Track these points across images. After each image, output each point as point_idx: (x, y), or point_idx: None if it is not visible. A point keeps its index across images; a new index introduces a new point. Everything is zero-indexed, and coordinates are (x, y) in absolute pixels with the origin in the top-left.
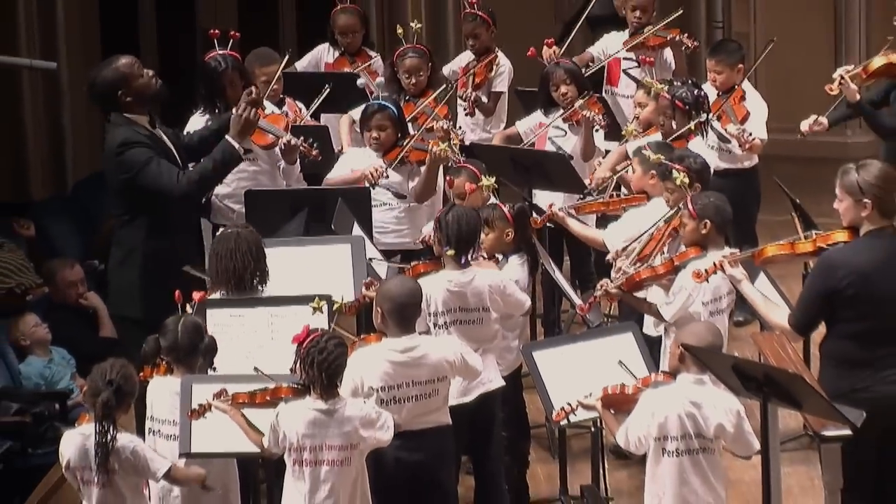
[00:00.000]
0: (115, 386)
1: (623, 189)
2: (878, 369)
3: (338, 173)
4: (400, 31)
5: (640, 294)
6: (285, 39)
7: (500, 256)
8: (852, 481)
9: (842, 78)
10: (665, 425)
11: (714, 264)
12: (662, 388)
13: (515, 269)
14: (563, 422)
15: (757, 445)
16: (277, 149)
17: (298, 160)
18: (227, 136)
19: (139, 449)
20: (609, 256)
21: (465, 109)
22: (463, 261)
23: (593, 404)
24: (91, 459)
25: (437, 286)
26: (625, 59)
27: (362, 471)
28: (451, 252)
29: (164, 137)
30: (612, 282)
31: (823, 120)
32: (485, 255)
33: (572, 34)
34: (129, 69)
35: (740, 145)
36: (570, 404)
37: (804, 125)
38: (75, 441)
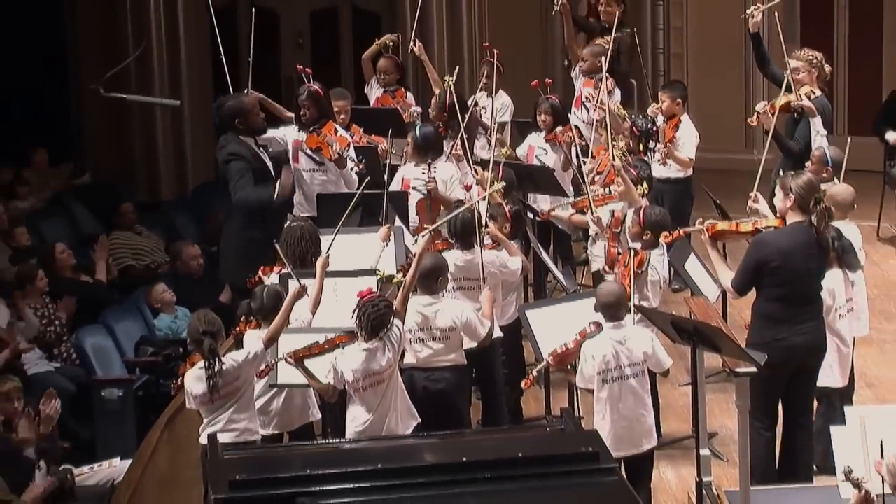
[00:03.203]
0: (210, 333)
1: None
2: (794, 324)
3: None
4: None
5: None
6: (345, 79)
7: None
8: (764, 404)
9: (758, 113)
10: (602, 362)
11: (681, 231)
12: (595, 337)
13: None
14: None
15: (667, 363)
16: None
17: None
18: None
19: (238, 358)
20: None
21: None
22: (462, 247)
23: (547, 366)
24: (206, 388)
25: (447, 262)
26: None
27: (397, 381)
28: (453, 242)
29: (264, 156)
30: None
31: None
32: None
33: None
34: (250, 107)
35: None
36: (532, 374)
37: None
38: (196, 377)
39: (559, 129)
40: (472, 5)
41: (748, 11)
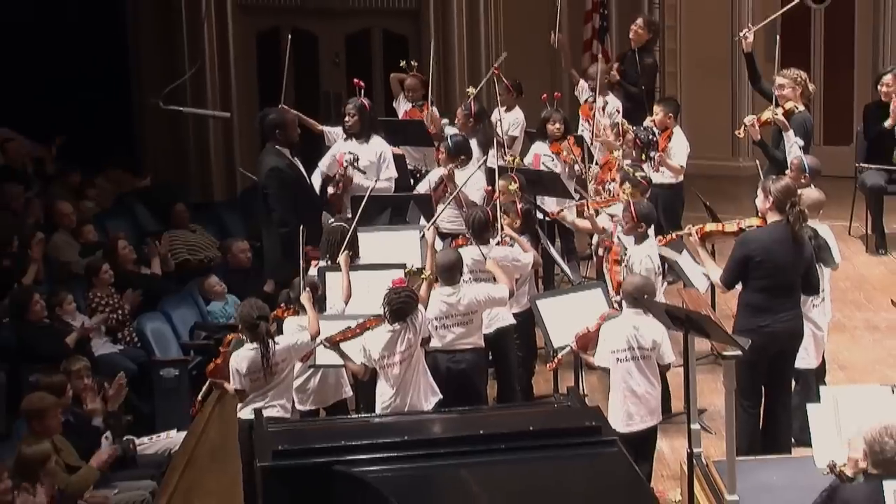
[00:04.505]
0: (263, 318)
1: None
2: (775, 313)
3: (423, 186)
4: (469, 90)
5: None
6: (376, 94)
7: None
8: (750, 385)
9: (746, 126)
10: (616, 342)
11: (673, 235)
12: (614, 319)
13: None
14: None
15: (669, 358)
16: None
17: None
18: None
19: (290, 343)
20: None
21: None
22: (477, 243)
23: (570, 351)
24: (259, 367)
25: (465, 256)
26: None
27: (418, 361)
28: (469, 238)
29: (298, 164)
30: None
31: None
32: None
33: None
34: (290, 121)
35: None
36: (558, 357)
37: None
38: (249, 357)
39: (564, 144)
40: (489, 28)
41: (741, 33)
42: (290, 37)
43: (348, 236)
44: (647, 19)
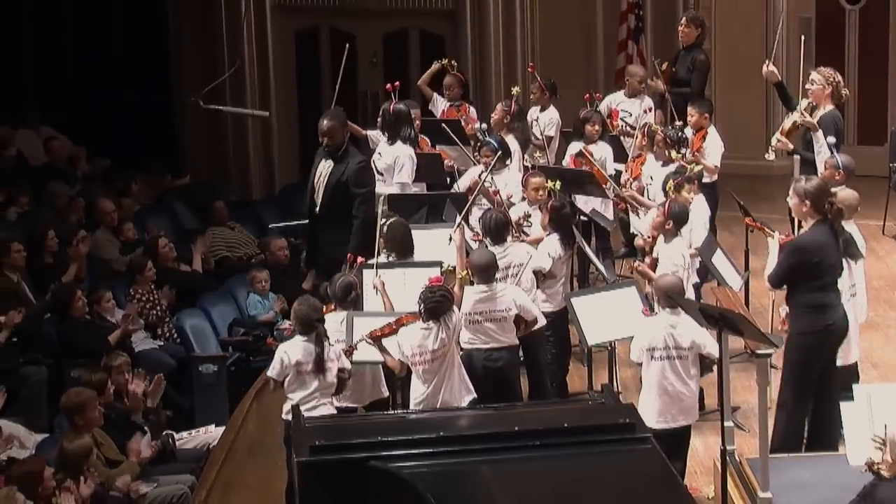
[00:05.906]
0: (321, 320)
1: None
2: (835, 310)
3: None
4: (514, 90)
5: None
6: (413, 94)
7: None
8: (800, 388)
9: (772, 147)
10: (652, 341)
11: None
12: (651, 318)
13: (554, 242)
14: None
15: (716, 352)
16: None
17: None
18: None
19: (338, 350)
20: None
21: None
22: (493, 244)
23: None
24: (312, 360)
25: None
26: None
27: (451, 360)
28: (487, 240)
29: (321, 166)
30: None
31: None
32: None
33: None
34: (324, 128)
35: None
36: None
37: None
38: (301, 347)
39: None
40: (525, 28)
41: (764, 70)
42: (347, 45)
43: (382, 236)
44: (690, 16)
